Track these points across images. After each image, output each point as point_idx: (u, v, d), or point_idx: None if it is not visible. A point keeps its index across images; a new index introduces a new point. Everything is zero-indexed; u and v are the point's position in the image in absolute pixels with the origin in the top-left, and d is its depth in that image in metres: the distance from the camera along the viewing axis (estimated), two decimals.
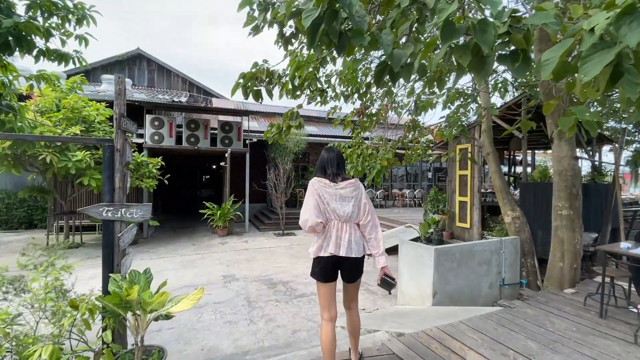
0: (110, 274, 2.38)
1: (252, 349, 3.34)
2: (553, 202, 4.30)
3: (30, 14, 2.76)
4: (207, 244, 8.46)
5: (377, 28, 1.94)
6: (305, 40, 3.24)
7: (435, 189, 8.42)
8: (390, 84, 5.42)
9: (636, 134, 11.33)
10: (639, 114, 4.12)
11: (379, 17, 2.81)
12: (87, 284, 5.41)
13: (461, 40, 1.53)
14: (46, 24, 2.93)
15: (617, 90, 1.22)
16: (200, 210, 9.62)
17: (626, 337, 2.72)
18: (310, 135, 13.05)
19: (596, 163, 6.83)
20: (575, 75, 1.48)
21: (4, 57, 2.79)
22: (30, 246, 7.38)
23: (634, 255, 2.97)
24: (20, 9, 2.64)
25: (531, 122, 3.20)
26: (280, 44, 2.80)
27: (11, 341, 2.05)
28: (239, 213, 9.80)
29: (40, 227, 10.09)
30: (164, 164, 8.60)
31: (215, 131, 10.60)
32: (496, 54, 1.51)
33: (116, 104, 2.30)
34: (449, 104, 6.72)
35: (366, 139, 6.14)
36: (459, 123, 4.71)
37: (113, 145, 2.25)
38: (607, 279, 3.12)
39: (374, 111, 6.51)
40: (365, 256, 2.23)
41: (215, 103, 16.73)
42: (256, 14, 2.70)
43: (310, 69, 3.07)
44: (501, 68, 6.33)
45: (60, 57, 3.20)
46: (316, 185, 2.11)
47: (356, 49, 1.98)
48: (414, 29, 1.93)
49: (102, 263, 2.48)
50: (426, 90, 5.65)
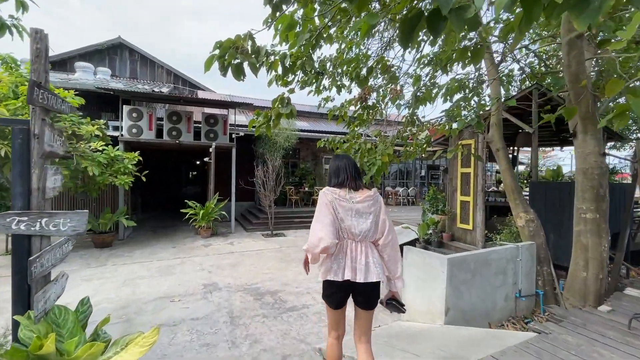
0: (27, 314, 1.72)
1: None
2: (576, 204, 3.84)
3: None
4: (189, 246, 7.78)
5: None
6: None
7: (434, 188, 7.96)
8: (394, 70, 4.87)
9: None
10: None
11: None
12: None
13: None
14: None
15: None
16: (182, 210, 8.91)
17: None
18: (302, 130, 12.43)
19: (628, 160, 6.44)
20: None
21: None
22: None
23: None
24: None
25: (575, 108, 2.69)
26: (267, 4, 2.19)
27: None
28: (223, 213, 9.13)
29: None
30: (141, 159, 7.86)
31: (200, 125, 9.87)
32: None
33: (33, 69, 1.67)
34: (448, 97, 6.23)
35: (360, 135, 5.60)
36: (472, 116, 4.20)
37: (28, 129, 1.62)
38: None
39: (371, 103, 5.97)
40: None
41: (202, 96, 15.90)
42: None
43: (306, 40, 2.47)
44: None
45: None
46: (329, 196, 1.78)
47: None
48: None
49: (12, 297, 1.84)
50: (436, 74, 5.10)
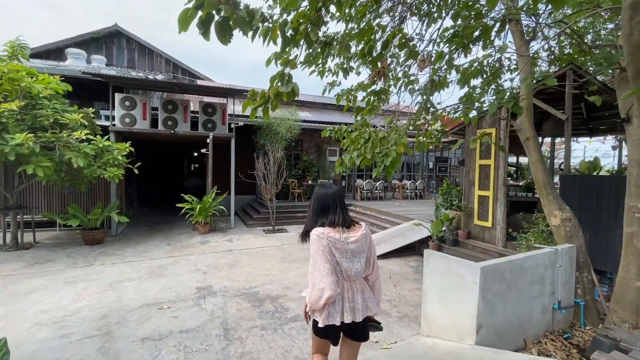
0: None
1: None
2: (627, 202, 3.27)
3: None
4: (185, 243, 7.30)
5: None
6: None
7: (448, 181, 7.38)
8: (414, 44, 4.26)
9: None
10: None
11: None
12: (20, 303, 4.12)
13: None
14: None
15: None
16: (177, 205, 8.41)
17: None
18: (305, 121, 11.84)
19: None
20: None
21: None
22: None
23: None
24: None
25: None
26: None
27: None
28: (222, 207, 8.63)
29: None
30: (133, 150, 7.34)
31: (197, 115, 9.31)
32: None
33: None
34: (467, 81, 5.61)
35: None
36: (508, 97, 3.58)
37: None
38: None
39: (382, 87, 5.39)
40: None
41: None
42: None
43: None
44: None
45: None
46: (324, 241, 1.69)
47: None
48: None
49: None
50: (454, 55, 4.49)
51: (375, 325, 1.97)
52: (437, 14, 4.41)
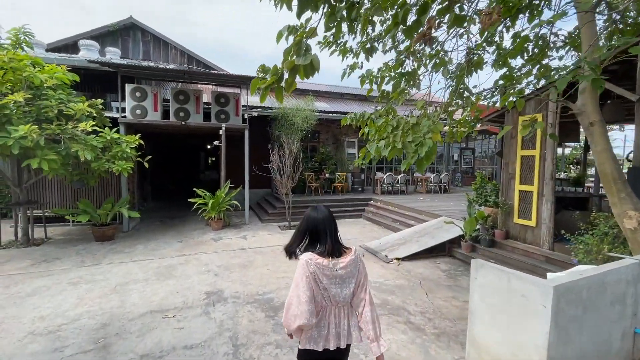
0: None
1: None
2: None
3: None
4: (197, 240, 6.95)
5: None
6: None
7: (482, 174, 6.67)
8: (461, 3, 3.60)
9: None
10: None
11: None
12: (19, 307, 3.73)
13: None
14: None
15: None
16: (189, 199, 8.08)
17: None
18: (321, 111, 11.25)
19: None
20: None
21: None
22: None
23: None
24: None
25: None
26: None
27: None
28: (235, 202, 8.23)
29: (11, 217, 8.73)
30: (142, 142, 7.00)
31: (210, 106, 8.90)
32: None
33: None
34: (505, 63, 4.86)
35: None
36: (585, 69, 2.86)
37: None
38: None
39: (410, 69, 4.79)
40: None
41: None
42: None
43: None
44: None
45: None
46: (312, 267, 1.59)
47: None
48: None
49: None
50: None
51: None
52: None
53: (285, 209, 8.55)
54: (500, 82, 4.72)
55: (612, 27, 4.98)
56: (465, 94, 4.68)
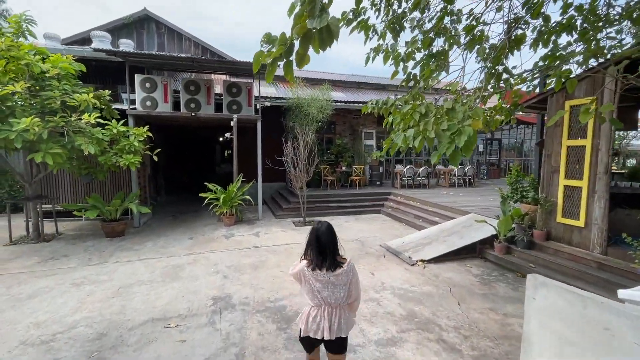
0: None
1: None
2: None
3: None
4: (208, 237, 6.65)
5: None
6: None
7: (518, 167, 5.99)
8: None
9: None
10: None
11: None
12: (17, 311, 3.46)
13: None
14: None
15: None
16: (200, 194, 7.78)
17: None
18: (337, 101, 10.69)
19: None
20: None
21: None
22: None
23: None
24: None
25: None
26: None
27: None
28: (248, 197, 7.87)
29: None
30: (151, 135, 6.71)
31: (221, 97, 8.52)
32: None
33: None
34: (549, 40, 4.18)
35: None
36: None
37: None
38: None
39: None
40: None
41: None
42: None
43: None
44: None
45: None
46: (307, 274, 1.97)
47: None
48: None
49: None
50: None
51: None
52: None
53: (299, 204, 8.14)
54: (540, 64, 4.08)
55: None
56: (504, 75, 4.04)
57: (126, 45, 13.20)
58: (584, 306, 1.86)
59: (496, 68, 4.30)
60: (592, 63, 4.43)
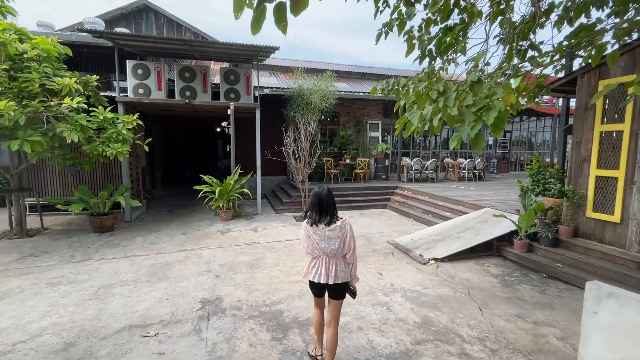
0: None
1: None
2: None
3: None
4: (202, 232, 6.21)
5: None
6: None
7: (539, 157, 5.48)
8: None
9: None
10: None
11: None
12: None
13: None
14: None
15: None
16: (194, 187, 7.34)
17: None
18: (341, 91, 10.17)
19: None
20: None
21: None
22: None
23: None
24: None
25: None
26: None
27: None
28: (246, 190, 7.42)
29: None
30: (141, 123, 6.26)
31: (219, 86, 8.01)
32: None
33: None
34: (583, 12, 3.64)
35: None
36: None
37: None
38: None
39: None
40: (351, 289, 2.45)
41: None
42: None
43: None
44: None
45: None
46: (308, 229, 2.33)
47: None
48: None
49: None
50: None
51: (350, 292, 2.45)
52: None
53: (301, 198, 7.68)
54: (566, 44, 3.57)
55: None
56: (530, 53, 3.52)
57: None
58: None
59: (521, 44, 3.80)
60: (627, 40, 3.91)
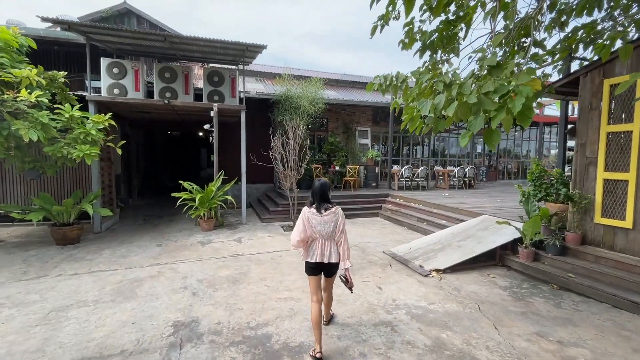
0: None
1: None
2: None
3: None
4: (180, 244, 5.63)
5: None
6: None
7: (539, 161, 5.25)
8: None
9: None
10: None
11: None
12: None
13: None
14: None
15: None
16: (172, 194, 6.77)
17: None
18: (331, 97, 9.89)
19: None
20: None
21: None
22: None
23: None
24: None
25: None
26: None
27: None
28: (229, 198, 6.91)
29: None
30: (114, 123, 5.70)
31: (202, 90, 7.54)
32: None
33: None
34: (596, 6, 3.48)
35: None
36: None
37: None
38: None
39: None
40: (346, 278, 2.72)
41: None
42: None
43: None
44: None
45: None
46: (307, 214, 2.63)
47: None
48: None
49: None
50: None
51: (344, 279, 2.73)
52: None
53: (289, 206, 7.21)
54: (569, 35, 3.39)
55: None
56: (533, 49, 3.29)
57: None
58: None
59: (523, 40, 3.61)
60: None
